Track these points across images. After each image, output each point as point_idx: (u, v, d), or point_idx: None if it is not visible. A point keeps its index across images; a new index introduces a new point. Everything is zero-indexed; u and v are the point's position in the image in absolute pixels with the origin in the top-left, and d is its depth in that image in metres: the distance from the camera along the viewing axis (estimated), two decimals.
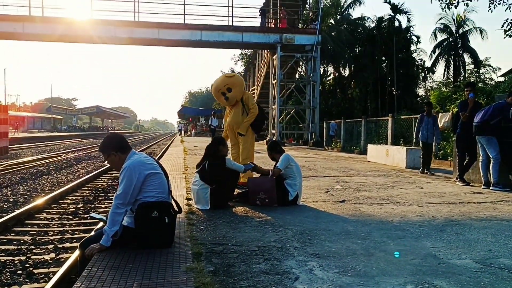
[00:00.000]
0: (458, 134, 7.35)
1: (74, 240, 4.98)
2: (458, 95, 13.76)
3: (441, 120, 11.39)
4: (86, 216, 6.22)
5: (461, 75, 33.34)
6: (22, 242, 4.92)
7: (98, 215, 3.49)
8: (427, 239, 3.45)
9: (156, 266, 2.62)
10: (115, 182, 9.53)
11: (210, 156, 4.71)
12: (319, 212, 4.58)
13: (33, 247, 4.69)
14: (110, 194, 8.15)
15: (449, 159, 11.12)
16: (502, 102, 6.66)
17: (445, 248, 3.20)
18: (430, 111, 9.18)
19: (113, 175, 10.87)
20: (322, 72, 32.92)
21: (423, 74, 35.66)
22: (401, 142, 14.68)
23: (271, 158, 5.19)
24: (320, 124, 23.55)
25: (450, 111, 11.95)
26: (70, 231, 5.41)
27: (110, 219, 2.91)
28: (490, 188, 6.50)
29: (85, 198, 7.77)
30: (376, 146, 12.74)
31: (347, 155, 15.25)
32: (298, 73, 31.00)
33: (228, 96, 5.89)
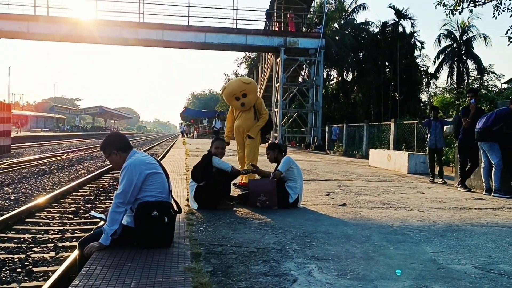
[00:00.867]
0: (460, 140, 7.31)
1: (74, 239, 4.98)
2: (461, 101, 13.73)
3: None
4: (86, 215, 6.24)
5: (464, 82, 33.25)
6: (22, 240, 4.94)
7: (98, 214, 3.50)
8: (427, 244, 3.44)
9: (154, 266, 2.62)
10: (116, 182, 9.54)
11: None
12: (319, 215, 4.57)
13: (33, 246, 4.70)
14: (111, 194, 8.16)
15: (451, 165, 11.09)
16: (504, 109, 6.64)
17: (445, 253, 3.19)
18: (437, 115, 8.96)
19: (114, 175, 10.89)
20: (325, 76, 32.93)
21: (427, 79, 35.56)
22: (403, 147, 14.65)
23: (271, 160, 5.17)
24: (322, 128, 23.51)
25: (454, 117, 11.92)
26: (70, 230, 5.42)
27: (109, 218, 2.91)
28: (492, 194, 6.47)
29: (86, 197, 7.79)
30: (378, 151, 12.72)
31: (349, 159, 15.23)
32: (301, 76, 31.02)
33: (243, 101, 5.91)
